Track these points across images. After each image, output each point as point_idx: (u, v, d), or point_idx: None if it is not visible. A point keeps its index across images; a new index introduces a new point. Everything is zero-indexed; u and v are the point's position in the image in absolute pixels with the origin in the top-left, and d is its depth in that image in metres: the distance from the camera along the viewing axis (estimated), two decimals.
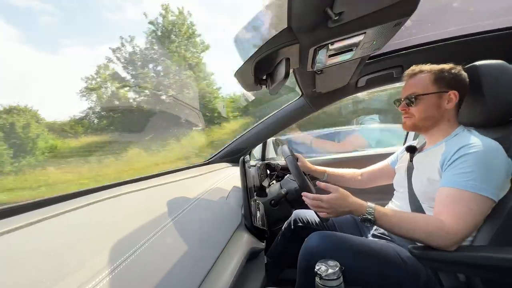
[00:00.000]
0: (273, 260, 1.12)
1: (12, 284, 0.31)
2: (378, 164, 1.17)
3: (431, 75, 0.82)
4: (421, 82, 0.83)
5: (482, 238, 0.71)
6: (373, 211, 0.72)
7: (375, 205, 0.73)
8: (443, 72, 0.81)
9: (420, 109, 0.83)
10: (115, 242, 0.43)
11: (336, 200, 0.75)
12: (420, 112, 0.83)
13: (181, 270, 0.44)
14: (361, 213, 0.73)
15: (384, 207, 0.76)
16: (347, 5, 0.54)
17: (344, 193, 0.76)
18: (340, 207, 0.75)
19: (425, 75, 0.83)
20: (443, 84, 0.80)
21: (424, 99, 0.82)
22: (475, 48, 1.07)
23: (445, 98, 0.81)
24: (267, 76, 0.86)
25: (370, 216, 0.71)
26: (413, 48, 1.12)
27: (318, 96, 1.29)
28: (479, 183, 0.66)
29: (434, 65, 0.84)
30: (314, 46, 0.70)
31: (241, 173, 0.88)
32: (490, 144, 0.71)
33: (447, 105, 0.81)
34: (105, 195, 0.63)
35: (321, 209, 0.77)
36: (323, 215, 0.77)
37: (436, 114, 0.82)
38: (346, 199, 0.75)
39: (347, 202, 0.75)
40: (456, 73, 0.80)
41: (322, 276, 0.58)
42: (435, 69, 0.82)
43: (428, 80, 0.82)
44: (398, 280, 0.75)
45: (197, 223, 0.63)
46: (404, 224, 0.69)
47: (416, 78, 0.85)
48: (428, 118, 0.83)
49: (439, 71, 0.81)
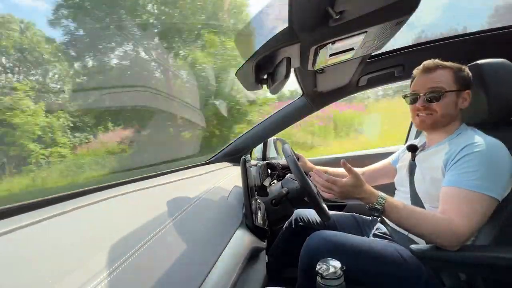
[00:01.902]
0: (274, 260, 1.12)
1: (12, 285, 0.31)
2: (379, 163, 1.17)
3: (452, 72, 0.79)
4: (444, 77, 0.79)
5: (483, 238, 0.71)
6: (384, 201, 0.70)
7: (386, 196, 0.72)
8: (461, 71, 0.79)
9: (443, 106, 0.78)
10: (116, 242, 0.43)
11: (351, 186, 0.73)
12: (443, 109, 0.79)
13: (182, 269, 0.44)
14: (370, 202, 0.72)
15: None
16: (348, 4, 0.54)
17: (361, 180, 0.74)
18: (352, 193, 0.74)
19: (446, 71, 0.79)
20: (462, 82, 0.79)
21: (448, 95, 0.78)
22: (477, 46, 1.06)
23: (462, 97, 0.79)
24: (268, 75, 0.86)
25: (379, 206, 0.70)
26: (415, 47, 1.12)
27: (319, 95, 1.29)
28: (484, 182, 0.66)
29: (449, 62, 0.81)
30: (315, 45, 0.70)
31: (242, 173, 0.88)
32: (493, 143, 0.71)
33: (463, 104, 0.80)
34: (105, 195, 0.63)
35: (330, 191, 0.76)
36: (328, 196, 0.77)
37: (454, 112, 0.80)
38: (361, 186, 0.74)
39: (360, 189, 0.73)
40: (469, 72, 0.80)
41: (323, 275, 0.58)
42: (455, 66, 0.79)
43: (450, 77, 0.79)
44: (399, 280, 0.74)
45: (198, 222, 0.63)
46: (413, 218, 0.69)
47: (437, 73, 0.80)
48: (448, 116, 0.80)
49: (458, 69, 0.79)
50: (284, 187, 1.03)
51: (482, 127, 0.81)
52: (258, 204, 0.94)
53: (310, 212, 1.12)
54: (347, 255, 0.75)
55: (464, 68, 0.80)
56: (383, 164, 1.15)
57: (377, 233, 0.94)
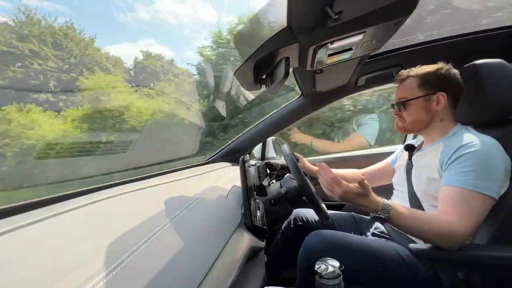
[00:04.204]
0: (273, 259, 1.12)
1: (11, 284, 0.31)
2: (379, 163, 1.18)
3: (417, 79, 0.84)
4: (408, 87, 0.85)
5: (481, 236, 0.71)
6: (390, 209, 0.69)
7: (392, 204, 0.70)
8: (428, 76, 0.82)
9: (410, 113, 0.85)
10: (114, 242, 0.43)
11: (355, 194, 0.71)
12: (410, 116, 0.86)
13: (180, 269, 0.44)
14: (374, 211, 0.71)
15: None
16: (347, 4, 0.54)
17: (368, 190, 0.72)
18: (354, 200, 0.72)
19: (412, 80, 0.85)
20: (429, 87, 0.82)
21: (412, 103, 0.84)
22: (474, 47, 1.07)
23: (434, 100, 0.82)
24: (266, 75, 0.86)
25: (384, 215, 0.69)
26: (413, 47, 1.12)
27: (317, 95, 1.29)
28: (481, 181, 0.66)
29: (424, 66, 0.85)
30: (314, 45, 0.70)
31: (241, 173, 0.88)
32: (489, 142, 0.71)
33: (436, 107, 0.82)
34: (104, 195, 0.63)
35: (331, 190, 0.74)
36: (328, 194, 0.76)
37: (425, 116, 0.84)
38: (366, 196, 0.71)
39: (365, 198, 0.71)
40: (442, 73, 0.81)
41: (322, 275, 0.58)
42: (420, 73, 0.84)
43: (414, 85, 0.84)
44: (398, 279, 0.75)
45: (197, 222, 0.63)
46: (418, 224, 0.68)
47: (405, 83, 0.87)
48: (418, 121, 0.85)
49: (424, 75, 0.83)
50: (283, 187, 1.03)
51: (479, 127, 0.81)
52: (257, 204, 0.94)
53: (309, 212, 1.13)
54: (346, 254, 0.75)
55: (437, 70, 0.82)
56: (383, 165, 1.16)
57: (376, 232, 0.95)
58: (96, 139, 6.67)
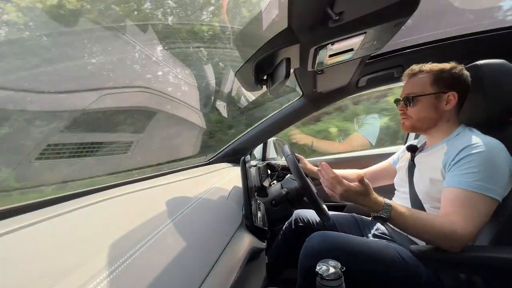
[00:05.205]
0: (274, 260, 1.12)
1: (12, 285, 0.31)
2: (380, 164, 1.17)
3: (430, 75, 0.81)
4: (419, 82, 0.82)
5: (483, 238, 0.71)
6: (390, 209, 0.68)
7: (393, 204, 0.69)
8: (442, 73, 0.80)
9: (418, 110, 0.82)
10: (115, 243, 0.43)
11: (356, 193, 0.70)
12: (417, 113, 0.83)
13: (181, 270, 0.44)
14: (375, 211, 0.70)
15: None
16: (348, 5, 0.54)
17: (369, 190, 0.70)
18: (355, 199, 0.70)
19: (424, 75, 0.82)
20: (442, 85, 0.79)
21: (422, 100, 0.81)
22: (476, 47, 1.06)
23: (444, 99, 0.80)
24: (267, 76, 0.86)
25: (385, 215, 0.68)
26: (414, 48, 1.12)
27: (318, 96, 1.29)
28: (485, 183, 0.65)
29: (436, 64, 0.82)
30: (315, 46, 0.70)
31: (242, 173, 0.88)
32: (493, 143, 0.71)
33: (446, 106, 0.80)
34: (106, 196, 0.63)
35: (332, 189, 0.73)
36: (329, 193, 0.74)
37: (433, 115, 0.81)
38: (367, 195, 0.70)
39: (366, 198, 0.70)
40: (456, 73, 0.79)
41: (323, 276, 0.58)
42: (434, 70, 0.81)
43: (427, 81, 0.81)
44: (399, 280, 0.74)
45: (197, 223, 0.63)
46: (419, 225, 0.67)
47: (416, 78, 0.84)
48: (426, 119, 0.82)
49: (438, 72, 0.80)
50: (283, 188, 1.03)
51: (481, 128, 0.81)
52: (258, 204, 0.94)
53: (310, 213, 1.12)
54: (346, 255, 0.75)
55: (451, 68, 0.79)
56: (384, 165, 1.15)
57: (377, 234, 0.94)
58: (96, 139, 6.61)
